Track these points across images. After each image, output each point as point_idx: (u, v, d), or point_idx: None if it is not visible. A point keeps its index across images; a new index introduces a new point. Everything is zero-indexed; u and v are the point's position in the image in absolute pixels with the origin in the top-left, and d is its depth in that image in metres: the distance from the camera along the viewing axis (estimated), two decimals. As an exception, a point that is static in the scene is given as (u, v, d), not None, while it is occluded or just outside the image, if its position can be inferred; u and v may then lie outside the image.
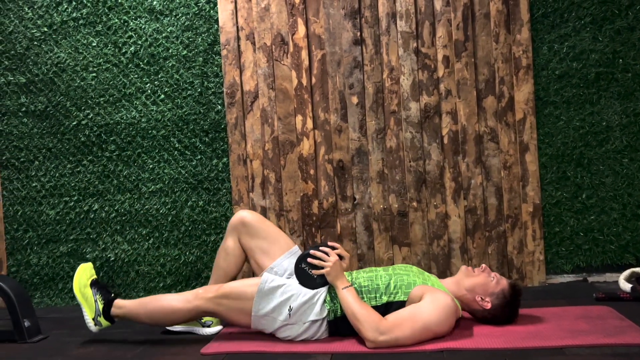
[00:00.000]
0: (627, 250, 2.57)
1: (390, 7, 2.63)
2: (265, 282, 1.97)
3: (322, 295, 1.95)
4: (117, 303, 2.09)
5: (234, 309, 1.98)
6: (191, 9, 2.77)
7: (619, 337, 1.78)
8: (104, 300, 2.10)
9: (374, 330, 1.81)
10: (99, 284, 2.15)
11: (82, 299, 2.10)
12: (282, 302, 1.94)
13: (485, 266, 2.01)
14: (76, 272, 2.14)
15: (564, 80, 2.58)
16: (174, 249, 2.80)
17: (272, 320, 1.95)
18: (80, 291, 2.11)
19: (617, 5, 2.53)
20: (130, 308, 2.07)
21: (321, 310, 1.94)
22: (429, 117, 2.63)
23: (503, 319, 1.97)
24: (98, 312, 2.09)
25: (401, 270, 2.00)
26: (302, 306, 1.93)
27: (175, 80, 2.79)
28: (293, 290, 1.96)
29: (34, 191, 2.89)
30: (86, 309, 2.10)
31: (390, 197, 2.66)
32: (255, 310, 1.96)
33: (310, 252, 1.97)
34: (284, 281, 1.99)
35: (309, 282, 1.97)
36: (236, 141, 2.73)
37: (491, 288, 1.96)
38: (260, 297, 1.95)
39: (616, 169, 2.56)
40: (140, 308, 2.07)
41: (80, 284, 2.11)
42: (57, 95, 2.86)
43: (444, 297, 1.86)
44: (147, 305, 2.07)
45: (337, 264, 1.94)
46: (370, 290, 1.95)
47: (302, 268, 1.97)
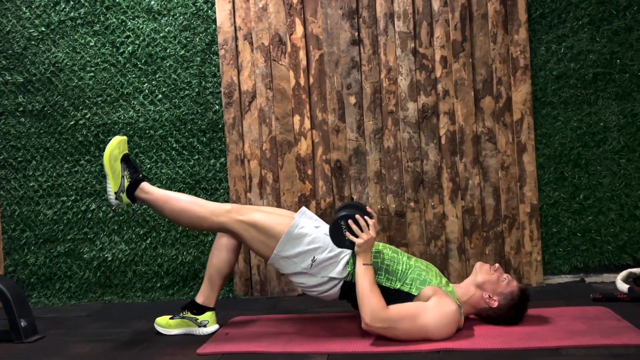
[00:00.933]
0: (624, 251, 2.57)
1: (388, 7, 2.63)
2: (296, 227, 1.97)
3: (347, 256, 1.96)
4: (144, 187, 2.07)
5: (258, 240, 1.99)
6: (189, 9, 2.77)
7: (616, 337, 1.78)
8: (131, 179, 2.06)
9: (374, 316, 1.82)
10: (130, 161, 2.11)
11: (109, 170, 2.05)
12: (307, 250, 1.95)
13: (499, 266, 2.02)
14: (110, 143, 2.07)
15: (561, 81, 2.58)
16: (172, 249, 2.80)
17: (293, 264, 1.96)
18: (109, 162, 2.05)
19: (615, 6, 2.53)
20: (156, 198, 2.05)
21: (343, 270, 1.95)
22: (426, 118, 2.63)
23: (507, 320, 1.98)
24: (122, 188, 2.05)
25: (422, 265, 2.01)
26: (326, 261, 1.94)
27: (173, 80, 2.79)
28: (320, 242, 1.96)
29: (32, 191, 2.89)
30: (111, 181, 2.06)
31: (387, 198, 2.66)
32: (278, 249, 1.96)
33: (355, 215, 1.91)
34: (313, 231, 1.99)
35: (339, 239, 1.93)
36: (234, 141, 2.73)
37: (501, 288, 1.97)
38: (287, 239, 1.96)
39: (614, 169, 2.56)
40: (166, 203, 2.05)
41: (112, 155, 2.06)
42: (54, 95, 2.86)
43: (450, 304, 1.87)
44: (173, 204, 2.04)
45: (372, 241, 1.91)
46: (389, 272, 1.95)
47: (340, 224, 1.92)
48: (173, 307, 2.43)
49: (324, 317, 2.27)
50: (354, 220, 1.91)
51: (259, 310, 2.47)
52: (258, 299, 2.69)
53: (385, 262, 1.97)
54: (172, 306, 2.54)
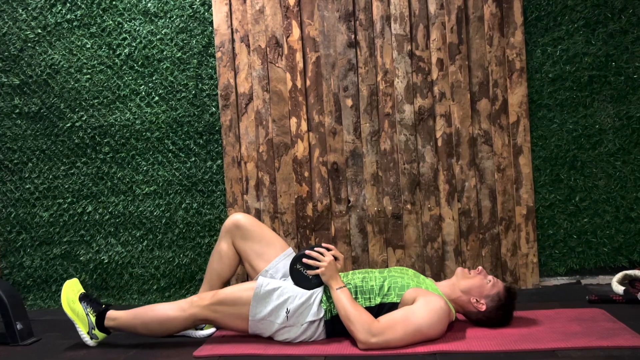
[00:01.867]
0: (620, 253, 2.57)
1: (384, 10, 2.64)
2: (261, 286, 1.97)
3: (318, 296, 1.96)
4: (110, 314, 2.07)
5: (230, 314, 1.98)
6: (186, 11, 2.77)
7: (612, 339, 1.79)
8: (96, 312, 2.07)
9: (366, 332, 1.81)
10: (88, 297, 2.12)
11: (73, 315, 2.07)
12: (279, 304, 1.94)
13: (482, 268, 2.02)
14: (63, 289, 2.10)
15: (557, 83, 2.59)
16: (168, 251, 2.80)
17: (270, 323, 1.95)
18: (70, 307, 2.07)
19: (610, 8, 2.55)
20: (125, 320, 2.06)
21: (318, 311, 1.94)
22: (423, 120, 2.64)
23: (497, 322, 1.98)
24: (92, 325, 2.07)
25: (396, 273, 2.01)
26: (300, 307, 1.93)
27: (170, 82, 2.79)
28: (289, 292, 1.96)
29: (28, 193, 2.88)
30: (79, 325, 2.07)
31: (384, 200, 2.66)
32: (252, 314, 1.95)
33: (305, 253, 1.97)
34: (279, 283, 1.99)
35: (304, 282, 1.98)
36: (230, 143, 2.73)
37: (486, 290, 1.97)
38: (256, 301, 1.95)
39: (609, 171, 2.57)
40: (135, 319, 2.05)
41: (68, 299, 2.08)
42: (51, 97, 2.85)
43: (437, 300, 1.87)
44: (142, 316, 2.05)
45: (332, 264, 1.94)
46: (365, 291, 1.95)
47: (297, 269, 1.98)
48: (169, 310, 2.42)
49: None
50: (307, 257, 1.95)
51: (256, 312, 2.46)
52: (255, 301, 2.68)
53: (357, 285, 1.97)
54: (168, 308, 2.54)
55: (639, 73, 2.54)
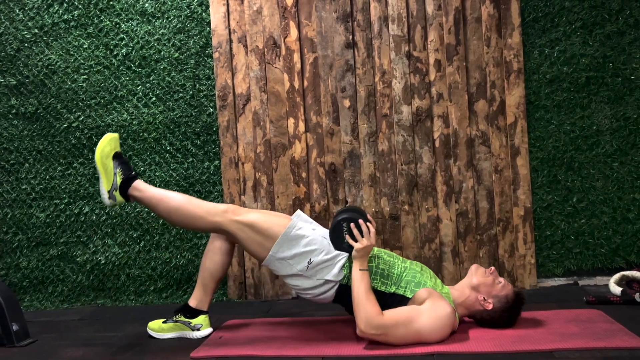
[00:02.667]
0: (617, 254, 2.58)
1: (382, 10, 2.64)
2: (294, 228, 1.96)
3: (343, 260, 1.95)
4: (138, 185, 2.03)
5: (254, 240, 1.97)
6: (183, 12, 2.76)
7: (609, 340, 1.79)
8: (124, 176, 2.02)
9: (368, 323, 1.82)
10: (123, 158, 2.07)
11: (101, 169, 2.01)
12: (304, 252, 1.93)
13: (494, 269, 2.02)
14: (101, 140, 2.04)
15: (554, 84, 2.59)
16: (165, 252, 2.79)
17: (288, 266, 1.95)
18: (101, 160, 2.01)
19: (607, 10, 2.55)
20: (150, 196, 2.02)
21: (339, 273, 1.94)
22: (420, 121, 2.64)
23: (501, 323, 1.98)
24: (115, 186, 2.02)
25: (417, 267, 2.01)
26: (323, 263, 1.93)
27: (167, 82, 2.78)
28: (317, 244, 1.95)
29: (24, 194, 2.87)
30: (104, 180, 2.02)
31: (382, 201, 2.66)
32: (274, 251, 1.95)
33: (358, 220, 1.90)
34: (310, 232, 1.98)
35: (338, 241, 1.93)
36: (228, 144, 2.73)
37: (496, 291, 1.97)
38: (283, 240, 1.94)
39: (606, 172, 2.57)
40: (160, 202, 2.01)
41: (103, 153, 2.02)
42: (47, 98, 2.85)
43: (445, 307, 1.86)
44: (168, 203, 2.01)
45: (370, 247, 1.91)
46: (385, 275, 1.95)
47: (342, 226, 1.91)
48: (167, 311, 2.42)
49: (317, 320, 2.27)
50: (357, 224, 1.90)
51: (253, 313, 2.46)
52: (252, 303, 2.68)
53: (381, 266, 1.97)
54: (165, 309, 2.53)
55: (636, 74, 2.55)
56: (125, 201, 2.07)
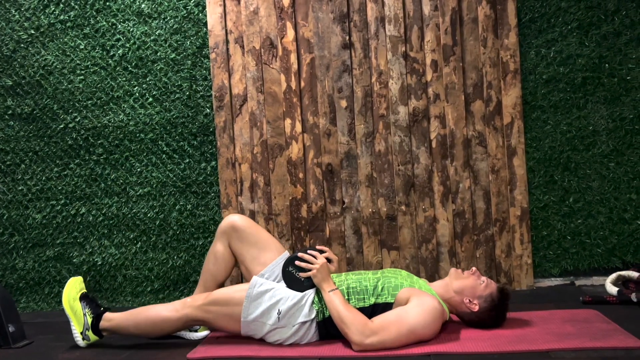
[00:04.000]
0: (613, 254, 2.58)
1: (379, 11, 2.64)
2: (254, 287, 1.97)
3: (310, 297, 1.95)
4: (107, 316, 2.08)
5: (223, 315, 1.98)
6: (180, 12, 2.76)
7: (605, 340, 1.79)
8: (93, 314, 2.08)
9: (360, 333, 1.81)
10: (89, 297, 2.13)
11: (71, 313, 2.09)
12: (270, 305, 1.93)
13: (475, 269, 2.02)
14: (66, 286, 2.12)
15: (551, 85, 2.60)
16: (162, 253, 2.79)
17: (262, 324, 1.94)
18: (69, 305, 2.09)
19: (604, 10, 2.56)
20: (119, 320, 2.06)
21: (310, 312, 1.93)
22: (417, 121, 2.64)
23: (490, 323, 1.98)
24: (87, 326, 2.08)
25: (389, 274, 2.01)
26: (291, 309, 1.93)
27: (164, 83, 2.78)
28: (281, 293, 1.96)
29: (20, 195, 2.87)
30: (75, 323, 2.09)
31: (379, 201, 2.66)
32: (244, 315, 1.95)
33: (297, 255, 1.97)
34: (272, 285, 1.99)
35: (297, 284, 1.97)
36: (225, 144, 2.73)
37: (480, 291, 1.97)
38: (249, 301, 1.95)
39: (603, 172, 2.58)
40: (129, 320, 2.06)
41: (69, 297, 2.10)
42: (44, 98, 2.84)
43: (431, 300, 1.86)
44: (135, 317, 2.06)
45: (324, 267, 1.94)
46: (358, 292, 1.95)
47: (289, 271, 1.98)
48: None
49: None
50: (299, 259, 1.96)
51: (250, 314, 2.45)
52: (249, 303, 2.67)
53: (351, 286, 1.96)
54: (162, 310, 2.53)
55: (632, 75, 2.56)
56: (99, 338, 2.10)
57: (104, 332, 2.09)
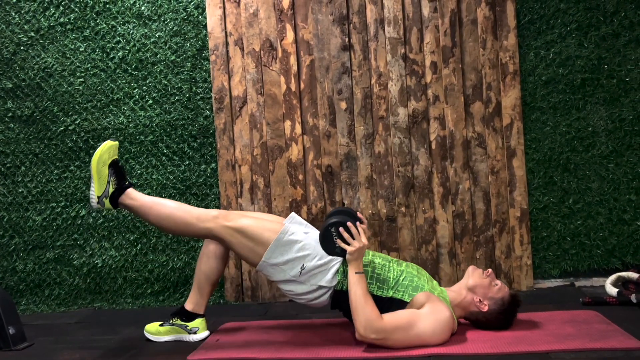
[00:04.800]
0: (613, 255, 2.58)
1: (378, 13, 2.64)
2: (286, 233, 1.94)
3: (337, 265, 1.94)
4: (131, 193, 2.02)
5: (246, 246, 1.95)
6: (180, 15, 2.76)
7: (605, 341, 1.79)
8: (117, 185, 2.02)
9: (367, 327, 1.81)
10: (119, 167, 2.06)
11: (95, 174, 2.00)
12: (297, 258, 1.92)
13: (491, 271, 2.02)
14: (100, 147, 2.02)
15: (550, 86, 2.60)
16: (162, 255, 2.79)
17: (281, 271, 1.93)
18: (97, 166, 2.00)
19: (602, 12, 2.56)
20: (142, 204, 2.01)
21: (332, 279, 1.93)
22: (417, 123, 2.64)
23: (496, 325, 1.98)
24: (106, 194, 2.01)
25: (413, 270, 1.99)
26: (316, 269, 1.92)
27: (164, 85, 2.78)
28: (310, 249, 1.93)
29: (21, 197, 2.87)
30: (96, 184, 2.01)
31: (378, 202, 2.66)
32: (267, 257, 1.93)
33: (347, 223, 1.87)
34: (303, 237, 1.96)
35: (329, 247, 1.89)
36: (225, 146, 2.73)
37: (492, 293, 1.97)
38: (276, 246, 1.93)
39: (602, 174, 2.58)
40: (152, 209, 2.00)
41: (100, 159, 2.01)
42: (44, 101, 2.84)
43: (444, 310, 1.87)
44: (159, 210, 2.00)
45: (363, 250, 1.89)
46: (381, 280, 1.94)
47: (331, 231, 1.88)
48: (163, 314, 2.41)
49: (315, 323, 2.27)
50: (345, 228, 1.87)
51: (250, 316, 2.46)
52: (249, 305, 2.68)
53: (376, 271, 1.96)
54: (162, 312, 2.53)
55: (631, 76, 2.56)
56: (112, 208, 2.06)
57: (122, 206, 2.04)
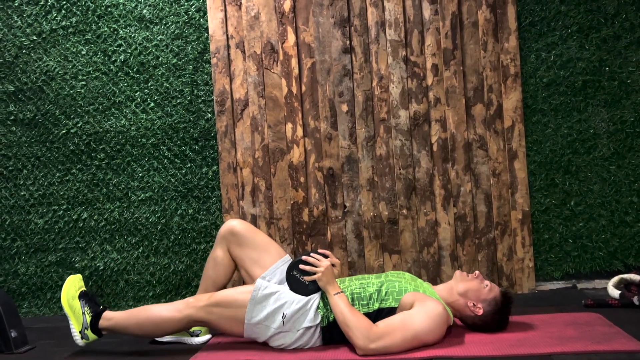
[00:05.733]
0: (615, 257, 2.58)
1: (379, 15, 2.65)
2: (259, 289, 1.96)
3: (315, 302, 1.95)
4: (106, 315, 2.05)
5: (226, 317, 1.96)
6: (181, 18, 2.77)
7: (607, 344, 1.79)
8: (92, 313, 2.05)
9: (365, 338, 1.80)
10: (88, 295, 2.10)
11: (69, 311, 2.05)
12: (275, 309, 1.93)
13: (479, 273, 2.01)
14: (65, 284, 2.09)
15: (551, 88, 2.60)
16: (164, 257, 2.79)
17: (266, 328, 1.94)
18: (68, 303, 2.05)
19: (603, 14, 2.56)
20: (119, 319, 2.03)
21: (315, 317, 1.93)
22: (418, 125, 2.65)
23: (493, 326, 1.98)
24: (85, 325, 2.04)
25: (393, 277, 2.00)
26: (296, 313, 1.92)
27: (165, 88, 2.79)
28: (286, 297, 1.95)
29: (23, 200, 2.87)
30: (73, 322, 2.05)
31: (380, 205, 2.66)
32: (248, 318, 1.94)
33: (302, 259, 1.96)
34: (277, 288, 1.98)
35: (301, 288, 1.96)
36: (226, 149, 2.73)
37: (483, 295, 1.97)
38: (253, 304, 1.94)
39: (604, 175, 2.58)
40: (129, 319, 2.03)
41: (68, 295, 2.06)
42: (46, 104, 2.85)
43: (435, 305, 1.86)
44: (137, 316, 2.03)
45: (329, 270, 1.93)
46: (362, 297, 1.94)
47: (293, 275, 1.96)
48: (165, 316, 2.41)
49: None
50: (303, 262, 1.95)
51: (252, 318, 2.45)
52: (251, 308, 2.67)
53: (355, 291, 1.96)
54: (164, 315, 2.53)
55: (632, 78, 2.56)
56: (98, 337, 2.06)
57: (104, 331, 2.06)
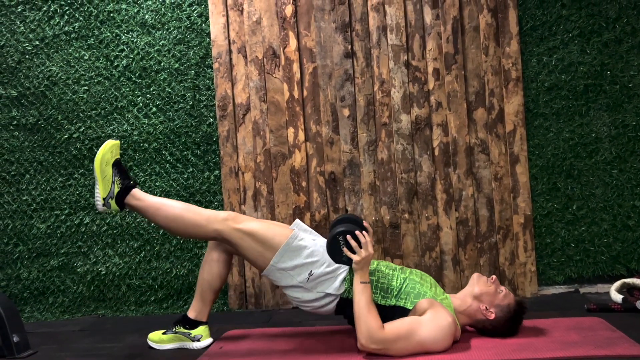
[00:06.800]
0: (618, 261, 2.57)
1: (380, 20, 2.65)
2: (295, 238, 1.94)
3: (344, 273, 1.94)
4: (136, 194, 2.00)
5: (255, 249, 1.94)
6: (183, 23, 2.78)
7: (610, 348, 1.79)
8: (122, 185, 1.99)
9: (369, 337, 1.81)
10: (122, 167, 2.04)
11: (99, 176, 1.98)
12: (305, 264, 1.91)
13: (495, 278, 2.01)
14: (102, 146, 2.00)
15: (553, 92, 2.60)
16: (166, 262, 2.79)
17: (289, 277, 1.93)
18: (100, 167, 1.98)
19: (605, 18, 2.57)
20: (149, 205, 1.98)
21: (340, 287, 1.92)
22: (419, 129, 2.65)
23: (503, 332, 1.97)
24: (111, 194, 1.98)
25: (416, 277, 1.99)
26: (323, 276, 1.92)
27: (167, 93, 2.79)
28: (319, 256, 1.93)
29: (25, 205, 2.88)
30: (100, 186, 1.98)
31: (382, 209, 2.66)
32: (275, 261, 1.93)
33: (354, 231, 1.87)
34: (311, 243, 1.96)
35: (336, 255, 1.90)
36: (228, 154, 2.74)
37: (498, 300, 1.97)
38: (285, 250, 1.92)
39: (606, 180, 2.58)
40: (159, 210, 1.97)
41: (103, 159, 1.98)
42: (48, 109, 2.86)
43: (446, 317, 1.85)
44: (167, 211, 1.97)
45: (369, 258, 1.89)
46: (385, 289, 1.93)
47: (338, 240, 1.88)
48: (167, 321, 2.41)
49: (318, 330, 2.26)
50: (353, 236, 1.88)
51: (254, 323, 2.46)
52: (253, 312, 2.67)
53: (380, 280, 1.95)
54: (166, 320, 2.53)
55: (634, 82, 2.56)
56: (119, 210, 2.03)
57: (128, 207, 2.01)
